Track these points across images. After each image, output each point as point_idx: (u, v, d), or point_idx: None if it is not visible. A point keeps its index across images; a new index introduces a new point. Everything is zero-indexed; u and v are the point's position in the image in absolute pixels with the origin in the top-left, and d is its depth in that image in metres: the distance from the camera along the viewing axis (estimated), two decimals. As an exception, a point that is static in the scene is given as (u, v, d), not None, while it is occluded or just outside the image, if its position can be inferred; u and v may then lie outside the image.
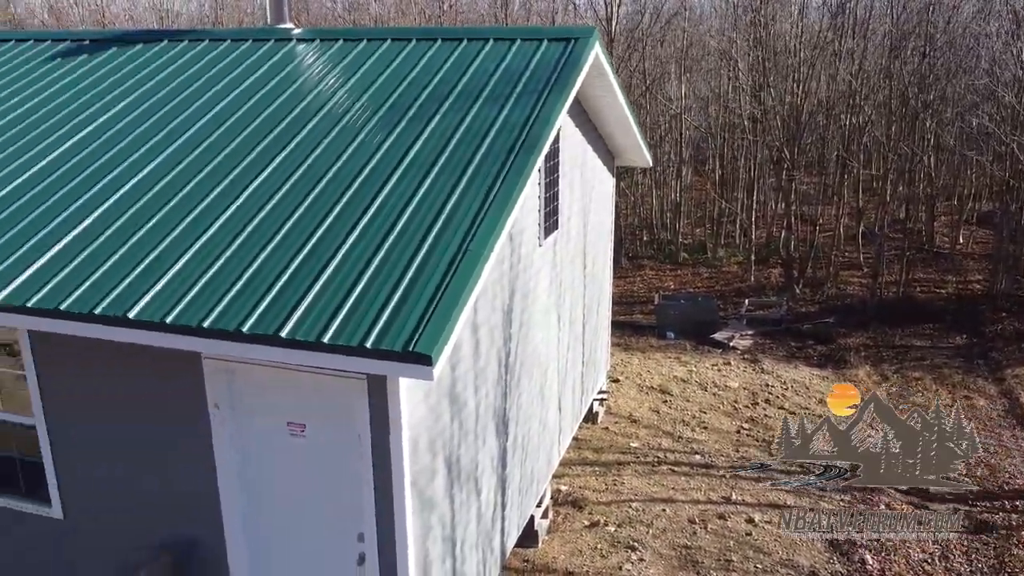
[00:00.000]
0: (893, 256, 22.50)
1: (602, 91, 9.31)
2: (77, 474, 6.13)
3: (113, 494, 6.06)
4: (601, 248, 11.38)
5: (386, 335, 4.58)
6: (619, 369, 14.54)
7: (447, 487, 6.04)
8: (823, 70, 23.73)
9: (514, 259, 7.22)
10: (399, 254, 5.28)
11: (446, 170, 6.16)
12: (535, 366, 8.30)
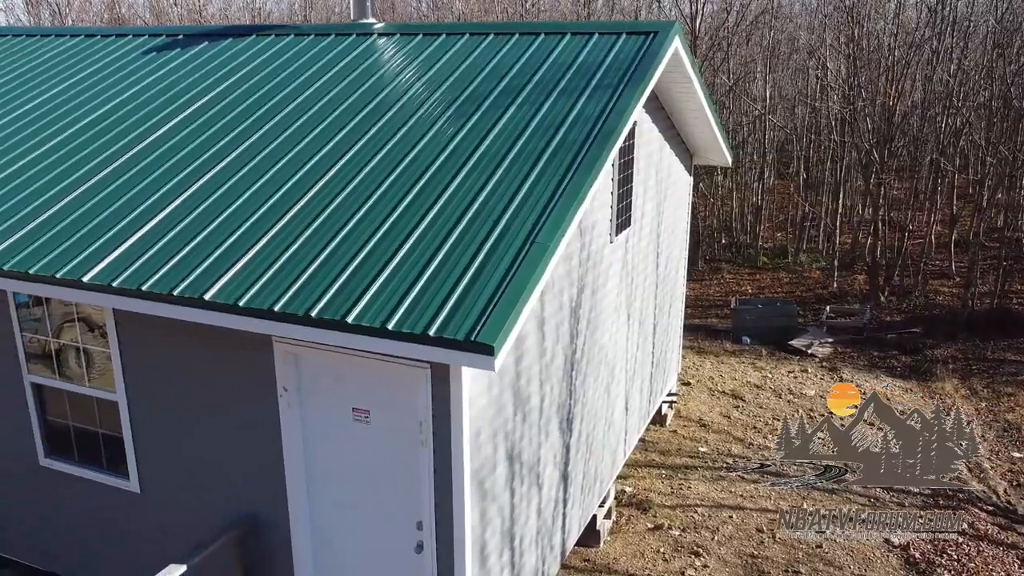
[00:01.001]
0: (988, 266, 21.40)
1: (682, 87, 9.15)
2: (154, 450, 6.38)
3: (186, 470, 6.29)
4: (675, 248, 11.18)
5: (449, 324, 4.60)
6: (691, 372, 14.27)
7: (507, 480, 6.03)
8: (918, 70, 22.75)
9: (584, 255, 7.16)
10: (466, 245, 5.30)
11: (517, 162, 6.16)
12: (602, 364, 8.22)
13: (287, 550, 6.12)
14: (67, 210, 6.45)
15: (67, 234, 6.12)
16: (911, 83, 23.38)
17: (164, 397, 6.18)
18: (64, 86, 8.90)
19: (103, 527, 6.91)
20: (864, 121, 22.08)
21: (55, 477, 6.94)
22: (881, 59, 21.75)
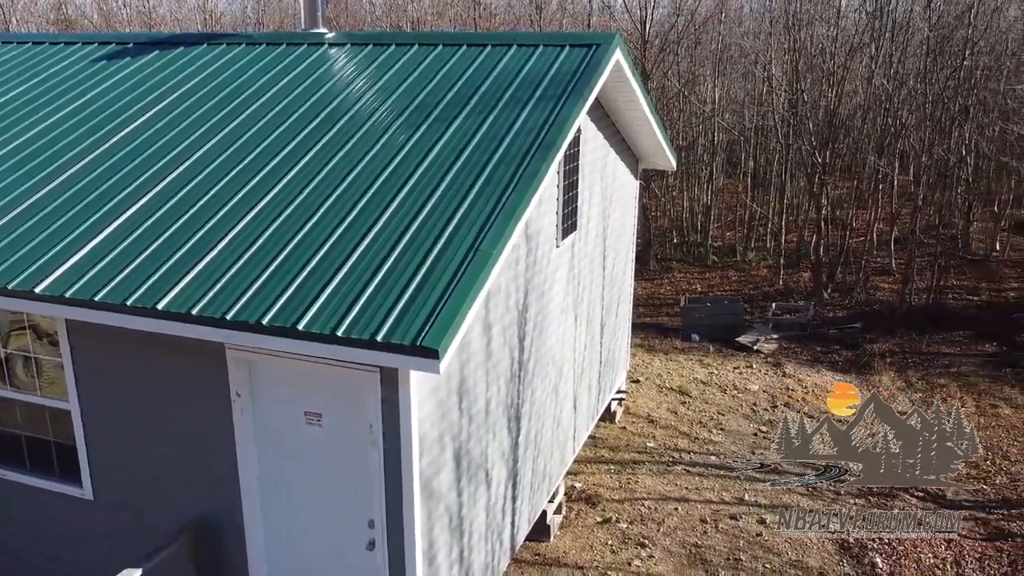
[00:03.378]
0: (926, 262, 22.28)
1: (624, 95, 9.47)
2: (107, 457, 6.48)
3: (140, 476, 6.40)
4: (622, 250, 11.53)
5: (397, 330, 4.83)
6: (640, 370, 14.67)
7: (455, 479, 6.27)
8: (859, 74, 23.55)
9: (530, 259, 7.43)
10: (413, 253, 5.53)
11: (463, 172, 6.39)
12: (550, 364, 8.50)
13: (242, 552, 6.28)
14: (19, 221, 6.51)
15: (20, 244, 6.19)
16: (852, 87, 24.21)
17: (118, 405, 6.28)
18: (10, 96, 8.89)
19: (55, 534, 6.97)
20: (807, 123, 22.80)
21: (5, 487, 6.98)
22: (823, 64, 22.48)
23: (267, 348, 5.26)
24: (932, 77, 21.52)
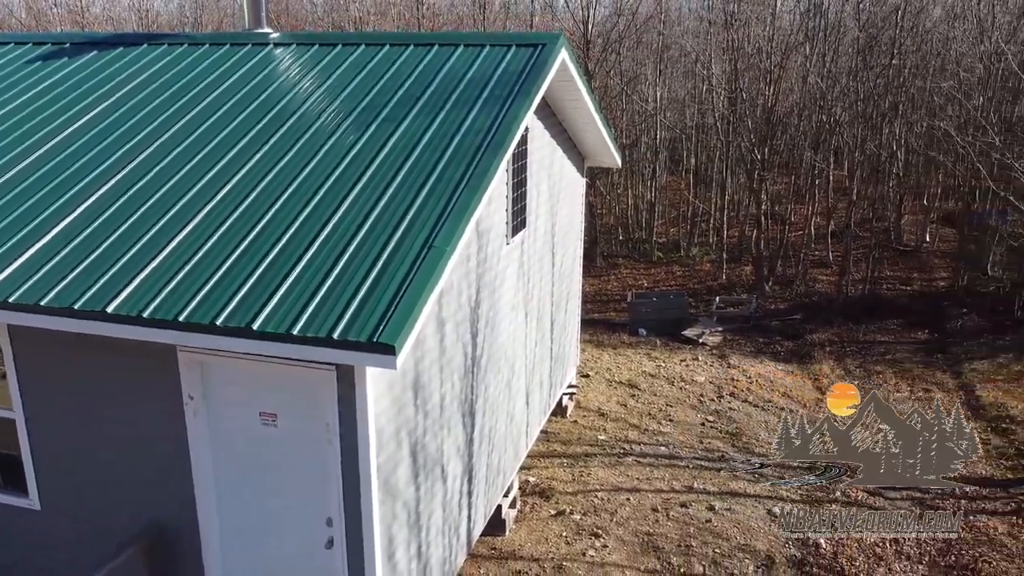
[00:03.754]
0: (861, 254, 23.06)
1: (570, 95, 9.63)
2: (56, 466, 6.36)
3: (91, 484, 6.29)
4: (570, 246, 11.70)
5: (353, 326, 4.87)
6: (590, 364, 14.89)
7: (412, 475, 6.33)
8: (795, 72, 24.24)
9: (481, 256, 7.52)
10: (368, 250, 5.57)
11: (414, 171, 6.46)
12: (502, 360, 8.61)
13: (197, 556, 6.23)
14: (-46, 225, 6.34)
15: (-44, 250, 6.04)
16: (789, 85, 24.91)
17: (66, 412, 6.17)
18: (-59, 96, 8.62)
19: (3, 546, 6.80)
20: (746, 121, 23.38)
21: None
22: (760, 63, 23.09)
23: (222, 349, 5.25)
24: (863, 75, 22.29)
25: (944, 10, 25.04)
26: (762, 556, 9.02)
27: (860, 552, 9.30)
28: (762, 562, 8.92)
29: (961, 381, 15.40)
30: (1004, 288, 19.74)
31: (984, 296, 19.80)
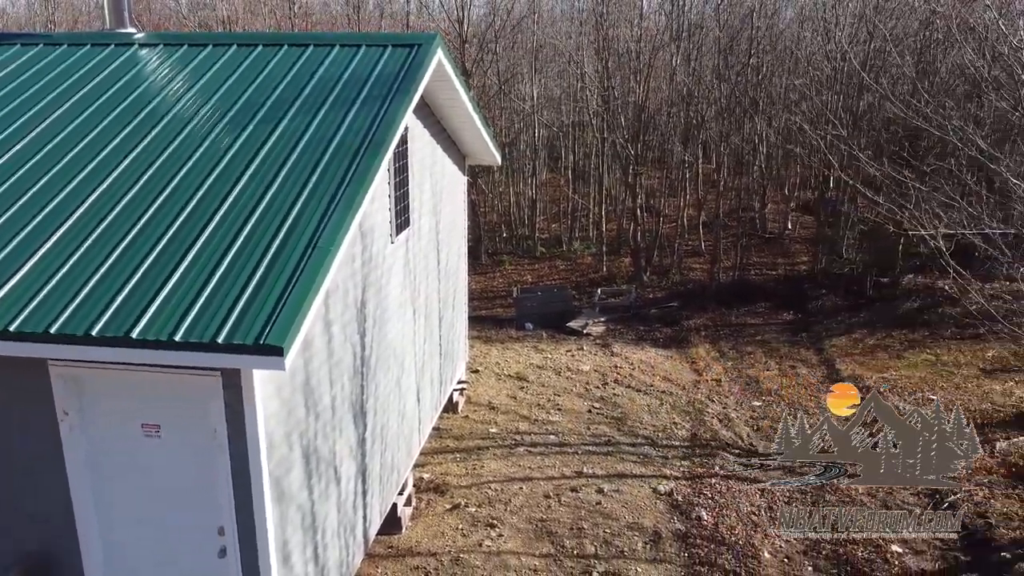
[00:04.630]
0: (730, 243, 24.35)
1: (448, 94, 9.76)
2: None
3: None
4: (455, 244, 11.84)
5: (238, 329, 4.83)
6: (479, 360, 15.09)
7: (305, 478, 6.30)
8: (663, 71, 25.29)
9: (366, 256, 7.54)
10: (250, 252, 5.51)
11: (295, 171, 6.42)
12: (391, 359, 8.65)
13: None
14: None
15: None
16: (657, 83, 25.98)
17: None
18: None
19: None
20: (619, 118, 24.22)
21: None
22: (630, 62, 23.97)
23: (98, 360, 5.07)
24: (726, 73, 23.54)
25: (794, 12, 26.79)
26: (649, 532, 9.46)
27: (739, 521, 9.91)
28: (650, 538, 9.37)
29: (823, 357, 16.58)
30: (857, 269, 21.34)
31: (840, 277, 21.34)
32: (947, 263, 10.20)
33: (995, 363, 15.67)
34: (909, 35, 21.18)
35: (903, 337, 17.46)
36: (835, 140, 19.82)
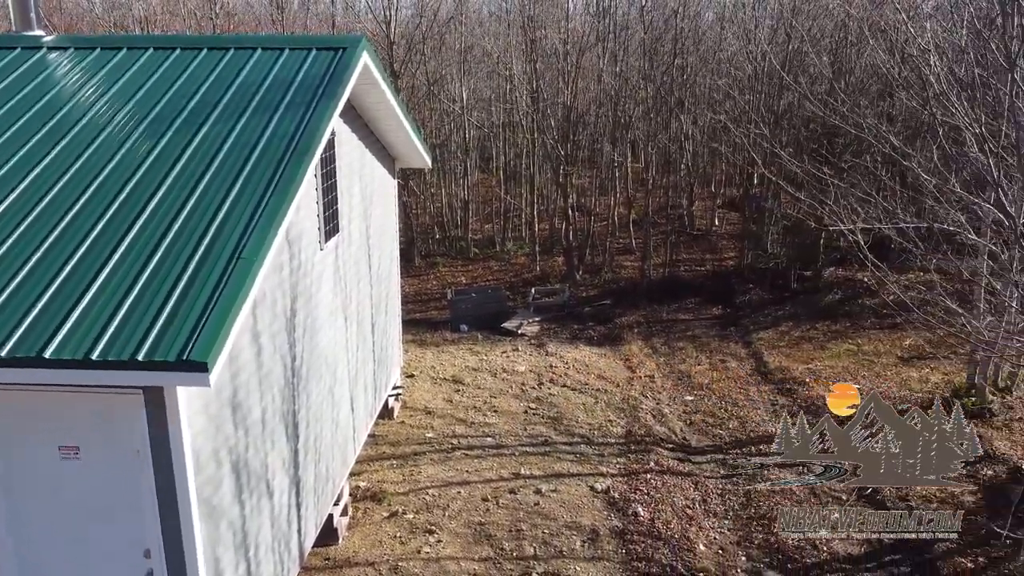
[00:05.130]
0: (660, 240, 24.77)
1: (375, 98, 9.65)
2: None
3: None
4: (386, 248, 11.72)
5: (159, 345, 4.67)
6: (414, 364, 14.98)
7: (236, 494, 6.14)
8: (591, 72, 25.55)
9: (294, 264, 7.39)
10: (171, 264, 5.34)
11: (217, 179, 6.25)
12: (323, 368, 8.51)
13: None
14: None
15: None
16: (585, 83, 26.23)
17: None
18: None
19: None
20: (549, 119, 24.38)
21: None
22: (558, 63, 24.14)
23: (8, 382, 4.83)
24: (651, 74, 23.93)
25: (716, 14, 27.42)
26: (588, 531, 9.55)
27: (674, 515, 10.10)
28: (588, 536, 9.45)
29: (751, 350, 17.03)
30: (781, 263, 21.98)
31: (766, 272, 21.93)
32: (865, 256, 10.57)
33: (912, 351, 16.36)
34: (825, 36, 21.91)
35: (826, 328, 18.07)
36: (757, 138, 20.36)
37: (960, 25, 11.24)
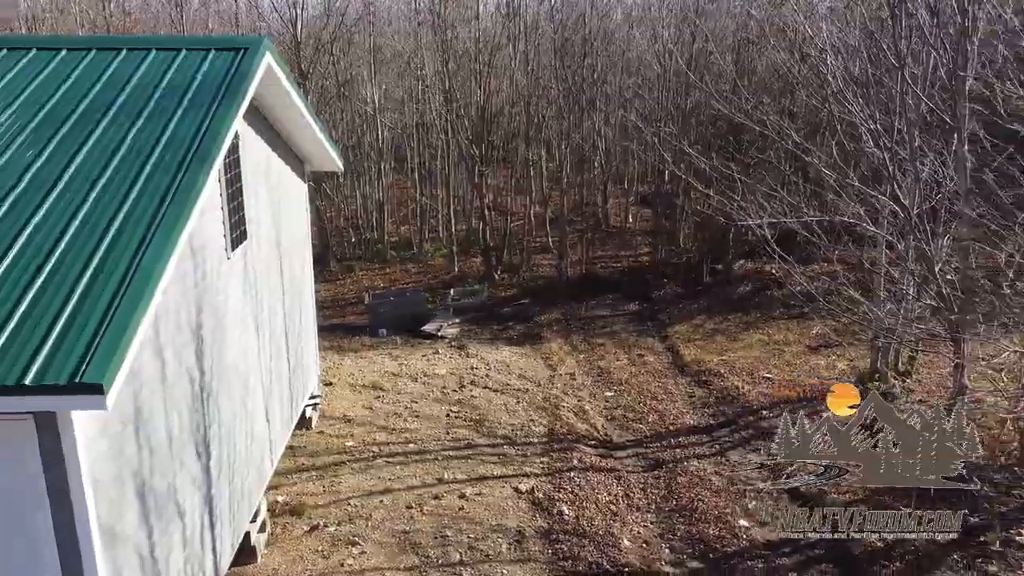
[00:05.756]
0: (576, 238, 24.98)
1: (281, 100, 9.35)
2: None
3: None
4: (298, 254, 11.39)
5: (49, 369, 4.36)
6: (331, 372, 14.64)
7: (142, 517, 5.83)
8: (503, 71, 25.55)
9: (199, 275, 7.08)
10: (61, 279, 5.01)
11: (110, 188, 5.92)
12: (234, 380, 8.19)
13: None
14: None
15: None
16: (499, 83, 26.22)
17: None
18: None
19: None
20: (463, 119, 24.26)
21: None
22: (470, 63, 24.05)
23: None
24: (563, 73, 24.09)
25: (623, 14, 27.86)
26: (513, 533, 9.50)
27: (598, 512, 10.16)
28: (514, 539, 9.41)
29: (668, 344, 17.34)
30: (693, 258, 22.49)
31: (679, 267, 22.40)
32: (772, 250, 10.90)
33: (819, 339, 16.97)
34: (728, 36, 22.53)
35: (738, 320, 18.57)
36: (667, 136, 20.78)
37: (854, 26, 11.73)
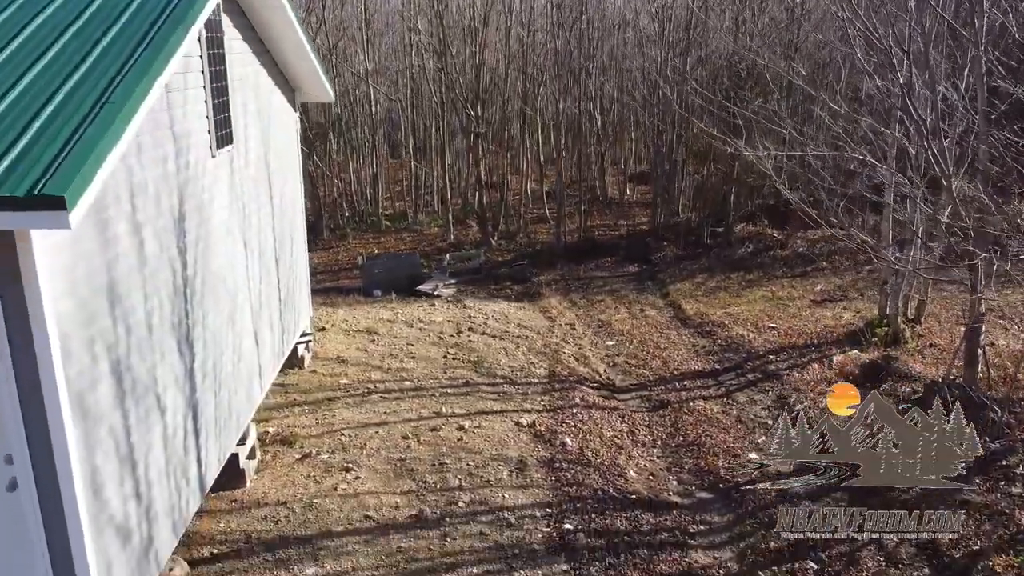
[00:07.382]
0: (574, 208, 24.58)
1: (272, 10, 8.91)
2: None
3: None
4: (288, 183, 10.91)
5: (7, 181, 3.89)
6: (325, 319, 14.17)
7: (117, 397, 5.36)
8: (499, 32, 25.05)
9: (181, 162, 6.61)
10: (27, 104, 4.56)
11: (82, 35, 5.48)
12: (221, 290, 7.72)
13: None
14: None
15: None
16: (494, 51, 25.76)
17: None
18: None
19: None
20: (458, 80, 23.80)
21: None
22: (464, 21, 23.59)
23: None
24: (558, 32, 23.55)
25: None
26: (514, 461, 9.05)
27: (602, 445, 9.72)
28: (515, 467, 8.95)
29: (669, 300, 16.95)
30: (693, 221, 22.12)
31: (679, 229, 22.02)
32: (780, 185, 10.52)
33: (823, 295, 16.61)
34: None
35: (740, 278, 18.20)
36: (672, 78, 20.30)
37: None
